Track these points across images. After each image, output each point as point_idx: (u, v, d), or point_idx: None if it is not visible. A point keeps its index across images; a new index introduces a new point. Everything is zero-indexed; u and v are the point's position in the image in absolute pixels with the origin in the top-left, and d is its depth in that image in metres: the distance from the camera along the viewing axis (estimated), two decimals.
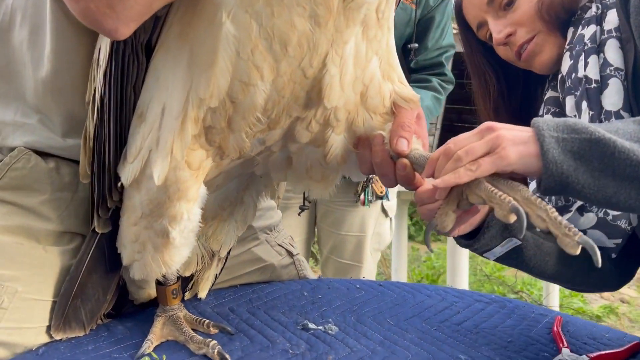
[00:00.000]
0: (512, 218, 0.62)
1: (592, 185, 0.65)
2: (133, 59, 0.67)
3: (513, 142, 0.69)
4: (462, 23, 1.14)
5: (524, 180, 1.05)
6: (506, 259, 0.86)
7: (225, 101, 0.62)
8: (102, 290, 0.87)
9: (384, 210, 1.96)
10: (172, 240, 0.76)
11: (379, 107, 0.73)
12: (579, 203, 0.88)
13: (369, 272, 1.99)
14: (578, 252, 0.60)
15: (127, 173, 0.70)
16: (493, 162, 0.69)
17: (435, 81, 1.89)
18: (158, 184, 0.66)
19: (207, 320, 0.91)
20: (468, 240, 0.84)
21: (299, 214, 1.94)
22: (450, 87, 1.94)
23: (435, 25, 1.85)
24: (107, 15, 0.55)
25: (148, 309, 1.00)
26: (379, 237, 1.96)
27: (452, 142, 0.72)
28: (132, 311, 0.99)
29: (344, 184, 1.70)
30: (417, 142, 0.76)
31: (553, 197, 0.94)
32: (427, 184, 0.73)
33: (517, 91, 1.13)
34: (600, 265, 0.58)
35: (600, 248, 0.66)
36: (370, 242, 1.95)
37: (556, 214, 0.62)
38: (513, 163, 0.68)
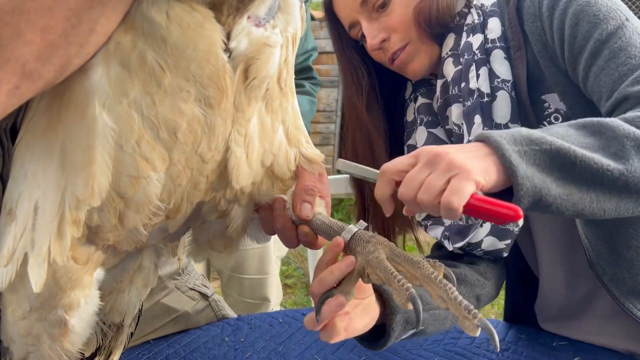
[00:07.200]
0: (410, 306, 0.60)
1: (561, 194, 0.63)
2: None
3: (471, 157, 0.63)
4: (333, 18, 1.07)
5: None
6: (409, 337, 0.87)
7: (112, 198, 0.55)
8: None
9: None
10: (72, 327, 0.68)
11: (285, 174, 0.68)
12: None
13: (275, 280, 1.97)
14: (477, 334, 0.58)
15: (1, 277, 0.60)
16: (460, 186, 0.61)
17: (308, 85, 1.93)
18: (37, 291, 0.58)
19: None
20: (370, 342, 0.83)
21: None
22: (319, 89, 1.99)
23: None
24: None
25: None
26: (280, 243, 1.93)
27: (401, 188, 0.66)
28: None
29: None
30: (320, 204, 0.72)
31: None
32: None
33: (386, 89, 1.10)
34: (499, 349, 0.59)
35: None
36: (273, 250, 1.92)
37: (456, 293, 0.59)
38: (484, 185, 0.62)
